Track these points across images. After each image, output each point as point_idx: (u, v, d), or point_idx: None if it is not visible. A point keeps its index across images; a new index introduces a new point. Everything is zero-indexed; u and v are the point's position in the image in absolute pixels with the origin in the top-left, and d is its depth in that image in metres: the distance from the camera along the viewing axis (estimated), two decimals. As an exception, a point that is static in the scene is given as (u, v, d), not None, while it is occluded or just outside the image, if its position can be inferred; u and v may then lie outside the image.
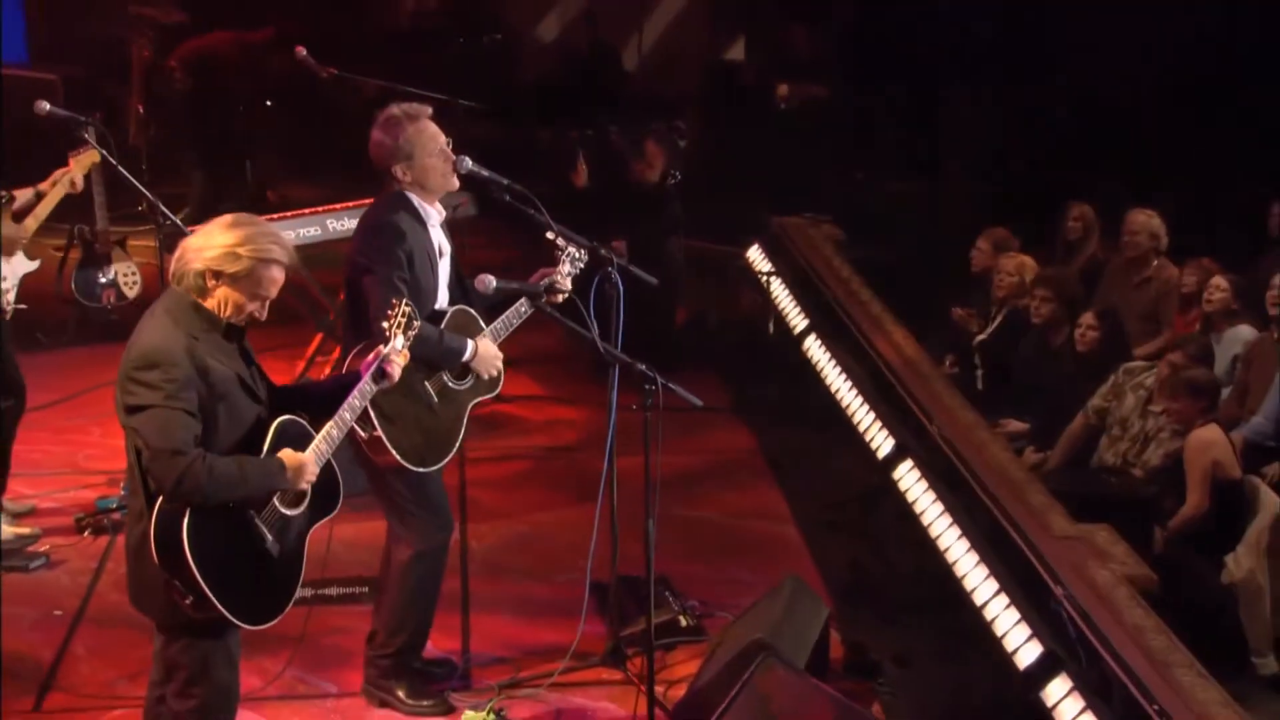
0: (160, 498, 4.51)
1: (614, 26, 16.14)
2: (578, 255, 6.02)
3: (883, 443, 7.52)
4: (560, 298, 5.99)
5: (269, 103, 13.70)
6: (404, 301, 5.07)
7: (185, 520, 4.47)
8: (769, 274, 9.96)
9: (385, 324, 5.03)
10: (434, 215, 5.86)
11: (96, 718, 5.86)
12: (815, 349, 8.71)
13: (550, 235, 5.99)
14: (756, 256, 10.23)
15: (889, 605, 6.80)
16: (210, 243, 4.62)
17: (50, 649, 6.33)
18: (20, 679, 6.13)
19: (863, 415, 7.84)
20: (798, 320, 9.22)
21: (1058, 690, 5.46)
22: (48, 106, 7.31)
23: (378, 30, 16.10)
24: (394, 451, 5.64)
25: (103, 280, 9.89)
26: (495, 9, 16.48)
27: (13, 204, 7.20)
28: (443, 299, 5.90)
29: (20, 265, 7.23)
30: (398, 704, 6.00)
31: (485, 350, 5.85)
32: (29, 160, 8.70)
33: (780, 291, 9.70)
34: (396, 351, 4.99)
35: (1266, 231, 9.61)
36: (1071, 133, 11.57)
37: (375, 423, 5.57)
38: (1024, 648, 5.77)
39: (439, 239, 5.90)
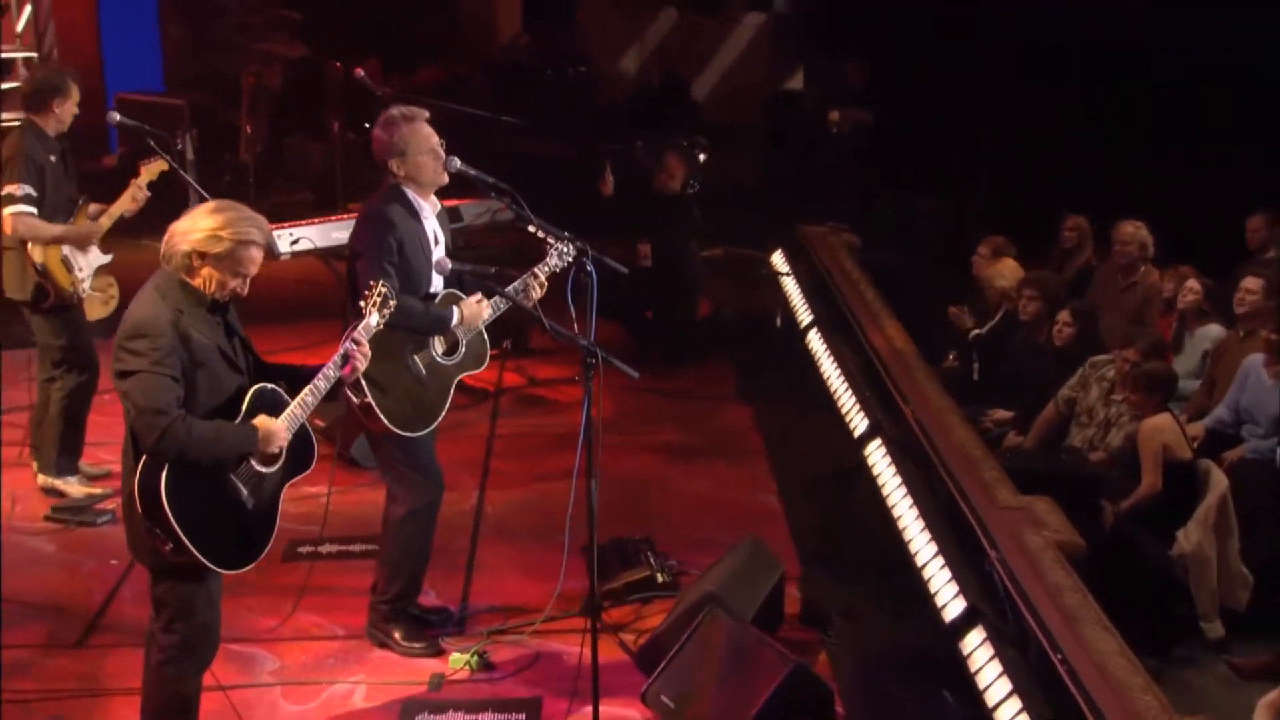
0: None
1: (687, 60, 16.19)
2: (565, 251, 6.03)
3: (859, 423, 7.48)
4: (540, 288, 6.03)
5: (367, 125, 13.86)
6: (380, 283, 5.14)
7: (163, 474, 4.57)
8: (781, 274, 9.95)
9: (362, 302, 5.12)
10: (427, 208, 5.94)
11: (130, 653, 5.91)
12: (816, 341, 8.70)
13: (531, 229, 6.04)
14: (778, 260, 10.21)
15: (846, 566, 6.79)
16: (195, 226, 4.71)
17: (102, 594, 6.50)
18: (72, 618, 6.32)
19: (846, 399, 7.81)
20: (804, 315, 9.20)
21: (974, 640, 5.43)
22: (118, 117, 7.49)
23: (476, 63, 16.27)
24: (383, 418, 5.73)
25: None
26: (582, 45, 16.57)
27: (88, 205, 7.37)
28: (437, 284, 5.96)
29: (95, 258, 7.38)
30: (394, 645, 6.10)
31: (469, 310, 5.91)
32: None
33: (792, 289, 9.68)
34: (369, 327, 5.08)
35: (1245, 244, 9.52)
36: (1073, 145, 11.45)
37: (366, 391, 5.66)
38: (951, 603, 5.73)
39: (433, 229, 5.97)
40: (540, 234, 6.03)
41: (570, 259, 6.02)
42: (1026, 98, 11.76)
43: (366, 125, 13.69)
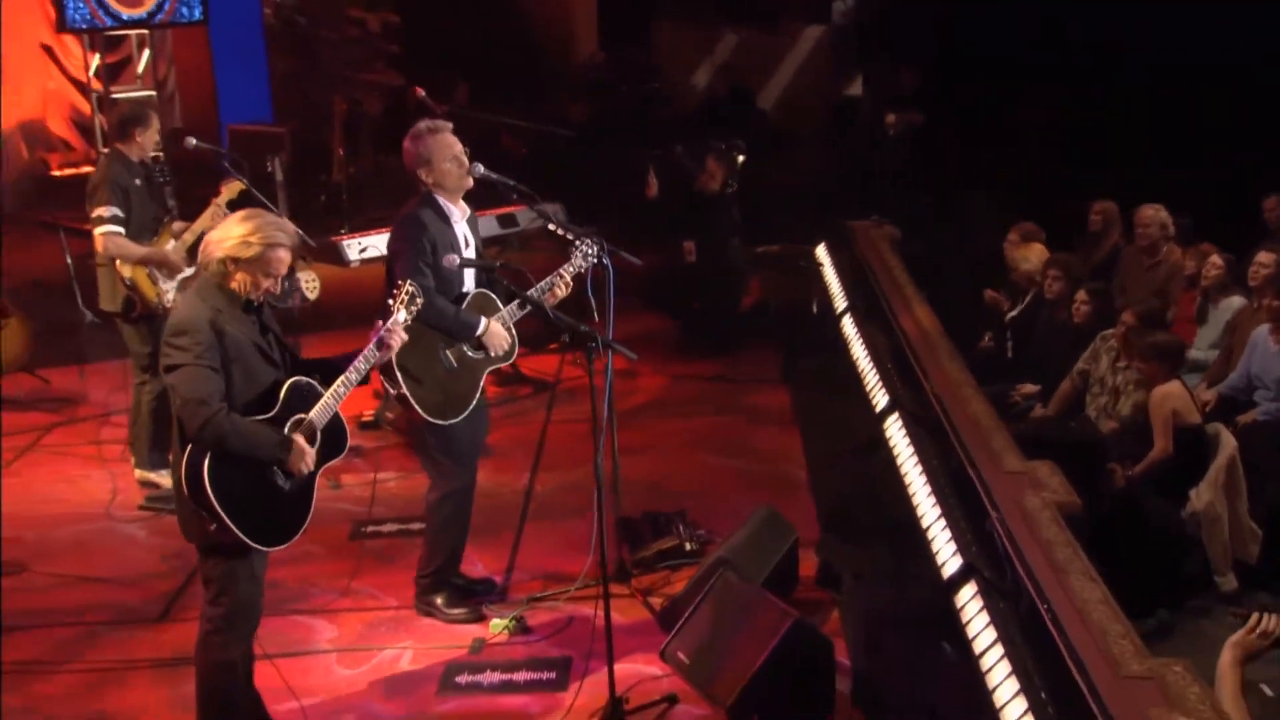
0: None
1: (752, 72, 16.17)
2: (589, 252, 6.06)
3: (880, 399, 7.46)
4: (565, 286, 6.09)
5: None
6: (408, 282, 5.23)
7: (207, 461, 4.69)
8: (819, 264, 9.93)
9: (391, 300, 5.21)
10: (456, 213, 6.01)
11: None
12: (849, 325, 8.66)
13: (551, 227, 6.12)
14: (820, 252, 10.18)
15: (860, 531, 6.77)
16: (227, 235, 4.82)
17: (184, 574, 6.65)
18: (157, 595, 6.51)
19: (871, 377, 7.78)
20: (840, 302, 9.17)
21: (967, 594, 5.40)
22: (194, 141, 7.70)
23: (556, 82, 16.39)
24: (417, 406, 5.83)
25: (290, 287, 10.25)
26: (655, 61, 16.63)
27: (172, 224, 7.57)
28: (469, 283, 6.05)
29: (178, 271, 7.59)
30: (438, 613, 6.21)
31: (494, 329, 5.96)
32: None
33: (832, 279, 9.65)
34: (398, 323, 5.15)
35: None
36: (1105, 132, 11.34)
37: (401, 381, 5.76)
38: (949, 561, 5.70)
39: (463, 232, 6.04)
40: (561, 232, 6.10)
41: (594, 258, 6.08)
42: (1061, 95, 11.69)
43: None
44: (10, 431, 8.73)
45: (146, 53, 14.55)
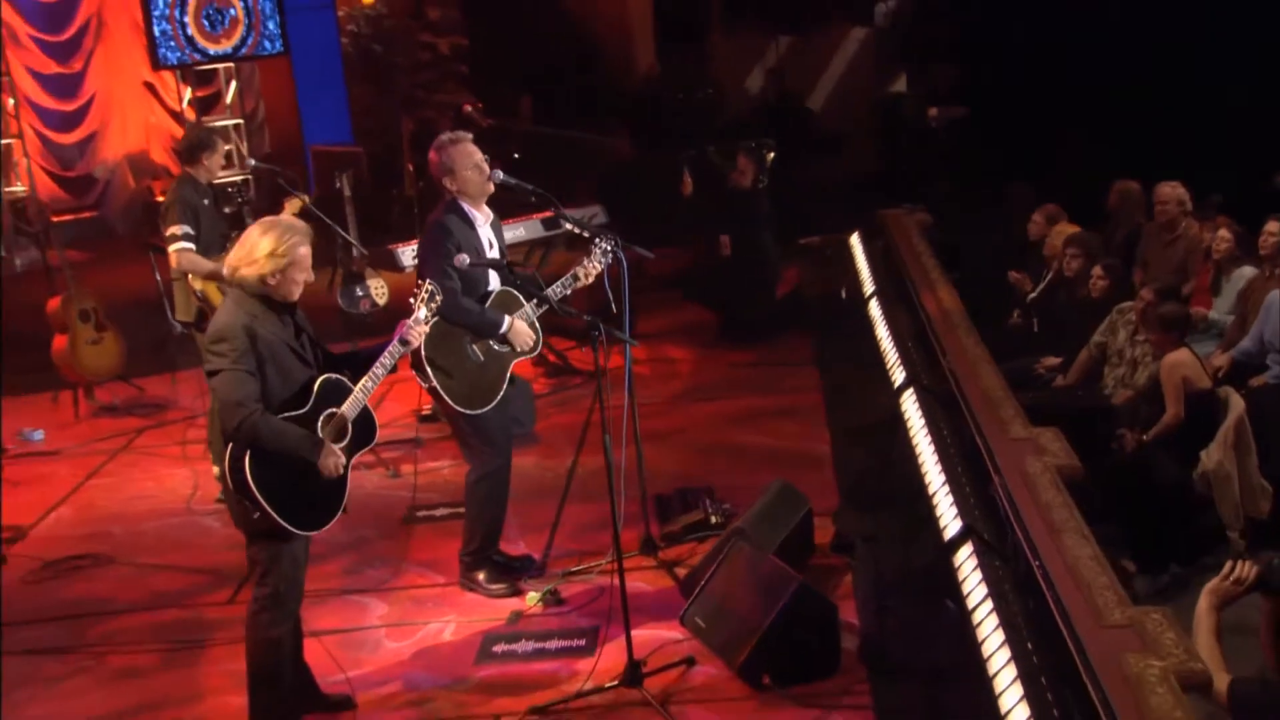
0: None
1: (802, 74, 16.15)
2: (605, 250, 6.14)
3: (899, 375, 7.45)
4: (585, 278, 6.16)
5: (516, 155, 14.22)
6: (427, 282, 5.33)
7: (248, 455, 4.82)
8: (849, 251, 9.93)
9: (412, 299, 5.31)
10: (480, 217, 6.10)
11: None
12: (874, 307, 8.65)
13: (567, 226, 6.20)
14: (854, 241, 10.17)
15: (876, 501, 6.78)
16: (255, 254, 4.89)
17: (252, 561, 6.84)
18: (226, 579, 6.67)
19: (892, 356, 7.78)
20: (869, 286, 9.15)
21: (965, 553, 5.40)
22: (253, 162, 7.89)
23: (617, 93, 16.48)
24: (447, 398, 5.94)
25: (359, 293, 10.41)
26: (710, 70, 16.65)
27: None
28: (494, 283, 6.13)
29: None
30: (479, 588, 6.31)
31: (518, 326, 6.04)
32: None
33: (862, 264, 9.64)
34: (418, 320, 5.25)
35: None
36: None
37: (431, 376, 5.88)
38: (950, 523, 5.70)
39: (488, 235, 6.13)
40: (578, 231, 6.18)
41: (610, 256, 6.15)
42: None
43: (516, 155, 14.17)
44: (107, 435, 9.03)
45: (233, 84, 14.85)
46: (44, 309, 9.54)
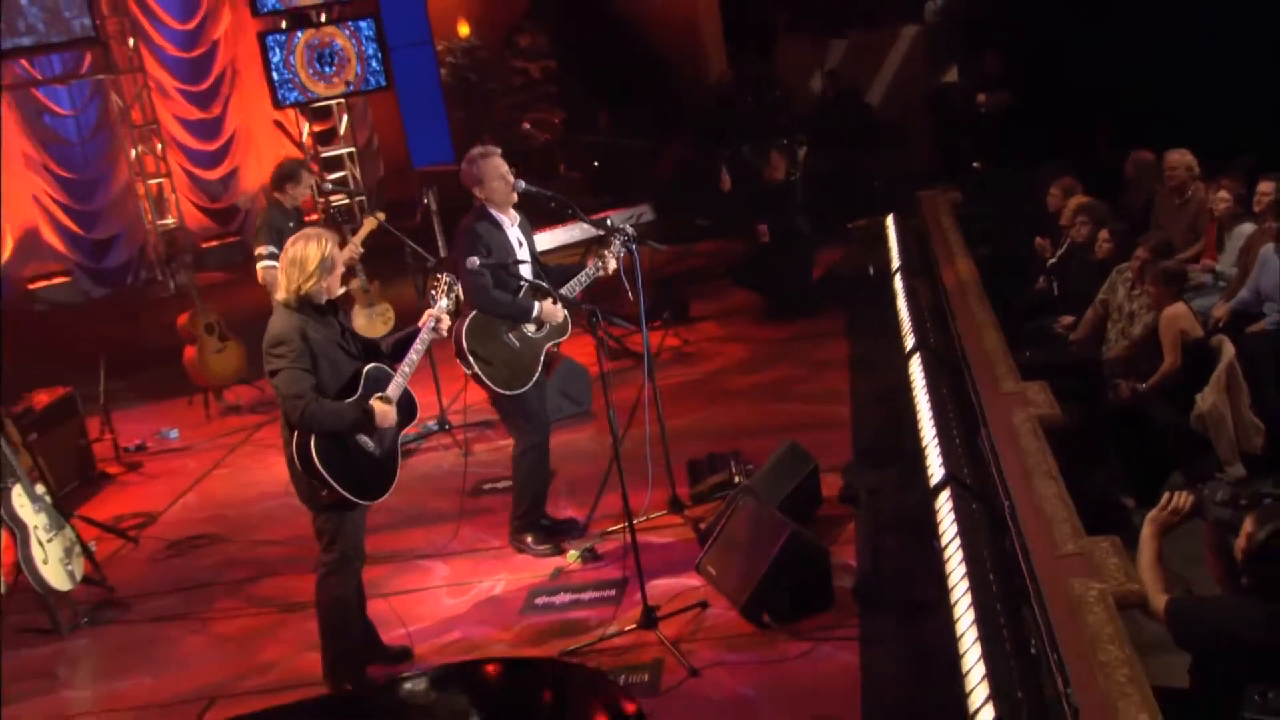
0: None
1: (861, 72, 16.06)
2: (617, 248, 6.31)
3: (909, 341, 7.49)
4: (603, 270, 6.32)
5: (596, 163, 14.42)
6: (445, 275, 5.51)
7: (312, 441, 5.07)
8: (878, 231, 9.93)
9: (433, 290, 5.49)
10: (506, 220, 6.28)
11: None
12: (898, 281, 8.66)
13: (584, 226, 6.36)
14: (889, 221, 10.16)
15: (882, 456, 6.83)
16: (306, 267, 5.11)
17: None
18: (312, 550, 6.95)
19: (906, 324, 7.80)
20: (895, 262, 9.16)
21: (944, 498, 5.45)
22: (330, 185, 8.16)
23: (689, 99, 16.54)
24: (489, 382, 6.15)
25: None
26: (776, 73, 16.63)
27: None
28: (529, 275, 6.31)
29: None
30: (527, 549, 6.52)
31: (548, 307, 6.23)
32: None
33: (893, 242, 9.63)
34: (441, 308, 5.43)
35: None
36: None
37: (473, 363, 6.10)
38: (936, 471, 5.75)
39: (516, 236, 6.31)
40: (595, 229, 6.34)
41: (621, 252, 6.30)
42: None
43: (596, 165, 14.36)
44: (232, 430, 9.47)
45: (345, 118, 15.30)
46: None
